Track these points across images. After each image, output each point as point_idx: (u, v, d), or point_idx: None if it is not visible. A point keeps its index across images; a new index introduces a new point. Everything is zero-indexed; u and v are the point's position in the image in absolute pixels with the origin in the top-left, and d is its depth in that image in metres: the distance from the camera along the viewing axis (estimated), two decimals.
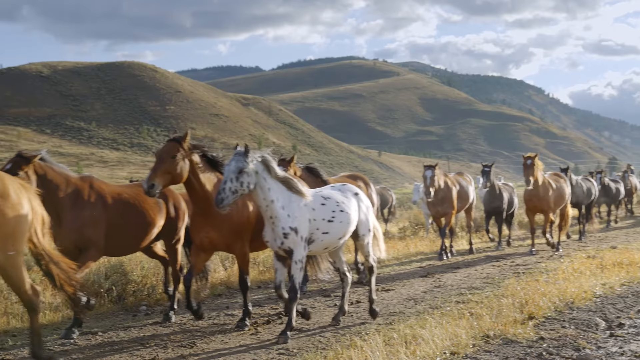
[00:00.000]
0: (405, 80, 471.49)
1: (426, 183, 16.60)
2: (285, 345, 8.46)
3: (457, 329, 8.49)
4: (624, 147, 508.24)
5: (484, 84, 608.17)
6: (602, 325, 9.58)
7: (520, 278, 12.84)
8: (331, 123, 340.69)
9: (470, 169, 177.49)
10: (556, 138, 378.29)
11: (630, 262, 14.47)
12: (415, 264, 16.37)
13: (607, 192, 26.30)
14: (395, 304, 11.21)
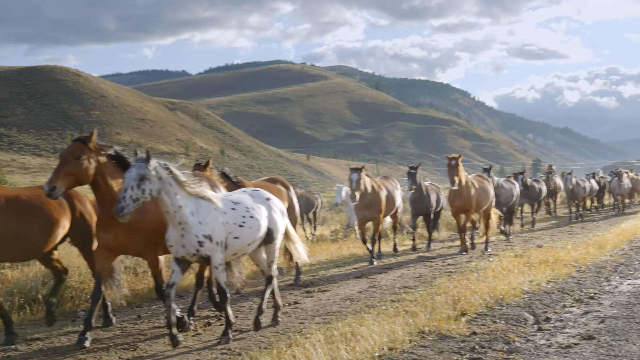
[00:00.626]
0: (334, 84, 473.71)
1: (352, 186, 16.40)
2: (227, 345, 8.61)
3: (394, 326, 8.78)
4: (548, 149, 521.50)
5: (412, 87, 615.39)
6: (530, 320, 10.03)
7: (452, 277, 13.24)
8: (259, 127, 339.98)
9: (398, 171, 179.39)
10: (482, 140, 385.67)
11: (555, 260, 15.06)
12: (349, 265, 16.63)
13: (530, 192, 27.03)
14: (332, 304, 11.45)
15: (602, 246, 18.20)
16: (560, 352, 8.22)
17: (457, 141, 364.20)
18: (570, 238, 21.33)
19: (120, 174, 8.68)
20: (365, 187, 16.50)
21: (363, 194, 16.44)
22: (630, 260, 16.61)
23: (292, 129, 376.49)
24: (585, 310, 10.77)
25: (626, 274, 14.60)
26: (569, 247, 17.78)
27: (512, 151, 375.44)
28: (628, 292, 12.32)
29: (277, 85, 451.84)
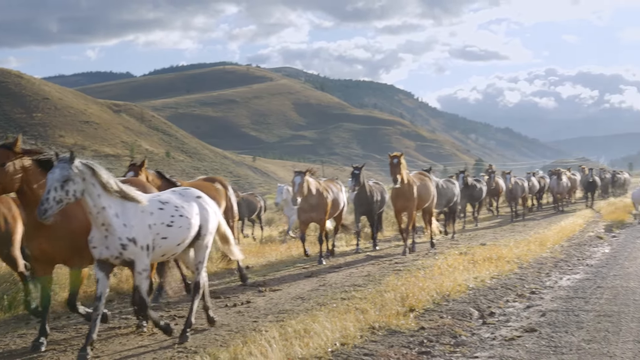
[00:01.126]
0: (279, 85, 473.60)
1: (294, 189, 16.31)
2: (183, 344, 8.78)
3: (346, 323, 9.06)
4: (490, 149, 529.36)
5: (356, 88, 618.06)
6: (475, 315, 10.44)
7: (400, 275, 13.57)
8: (205, 129, 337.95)
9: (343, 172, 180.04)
10: (426, 141, 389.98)
11: (498, 257, 15.57)
12: (299, 265, 16.82)
13: (470, 191, 27.61)
14: (283, 302, 11.69)
15: (543, 243, 18.84)
16: (504, 345, 8.62)
17: (402, 141, 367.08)
18: (512, 236, 21.94)
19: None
20: (310, 190, 16.46)
21: (307, 196, 16.40)
22: (569, 256, 17.28)
23: (237, 130, 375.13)
24: (527, 305, 11.24)
25: (565, 269, 15.21)
26: (511, 244, 18.33)
27: (455, 151, 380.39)
28: (567, 287, 12.87)
29: (223, 87, 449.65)
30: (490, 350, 8.40)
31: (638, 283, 12.92)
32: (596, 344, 8.43)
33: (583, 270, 14.97)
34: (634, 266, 15.24)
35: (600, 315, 10.14)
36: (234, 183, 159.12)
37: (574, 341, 8.62)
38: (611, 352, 8.04)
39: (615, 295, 11.71)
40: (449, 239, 22.58)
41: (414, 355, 8.14)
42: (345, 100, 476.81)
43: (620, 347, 8.26)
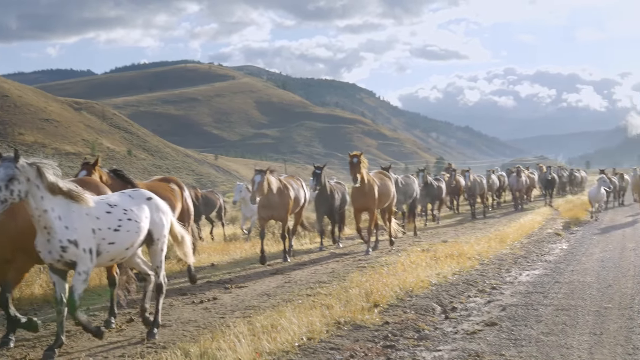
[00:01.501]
0: (241, 83, 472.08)
1: (254, 188, 16.29)
2: (152, 339, 8.88)
3: (312, 318, 9.25)
4: (450, 147, 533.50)
5: (318, 87, 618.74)
6: (438, 310, 10.69)
7: (364, 271, 13.79)
8: (167, 127, 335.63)
9: (306, 171, 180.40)
10: (387, 139, 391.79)
11: (460, 254, 15.90)
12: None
13: (430, 190, 27.93)
14: (250, 299, 11.84)
15: (503, 240, 19.23)
16: (466, 338, 8.87)
17: (363, 140, 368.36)
18: (473, 233, 22.33)
19: None
20: (270, 188, 16.48)
21: (268, 194, 16.46)
22: (528, 252, 17.67)
23: (199, 128, 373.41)
24: (488, 300, 11.54)
25: (525, 265, 15.57)
26: (472, 241, 18.68)
27: (416, 149, 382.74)
28: (526, 282, 13.20)
29: (185, 85, 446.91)
30: (453, 343, 8.64)
31: (594, 278, 13.30)
32: (554, 337, 8.72)
33: (542, 266, 15.33)
34: (590, 262, 15.66)
35: (558, 309, 10.46)
36: (196, 181, 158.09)
37: (533, 334, 8.91)
38: (568, 344, 8.33)
39: (573, 290, 12.06)
40: (411, 236, 22.85)
41: (379, 349, 8.34)
42: (307, 99, 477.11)
43: (577, 339, 8.56)
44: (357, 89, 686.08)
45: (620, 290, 11.80)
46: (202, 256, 18.40)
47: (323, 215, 20.74)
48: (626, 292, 11.66)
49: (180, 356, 7.42)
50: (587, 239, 20.96)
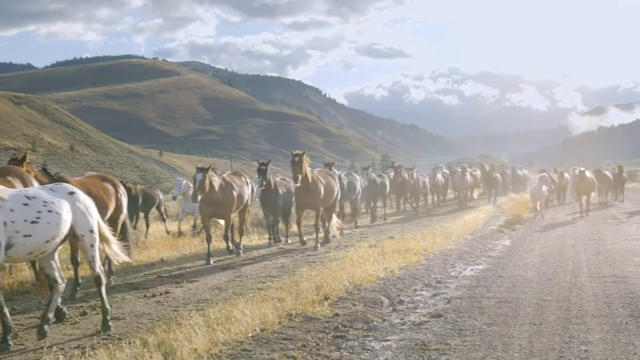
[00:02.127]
0: (186, 79, 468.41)
1: (195, 186, 16.12)
2: (107, 331, 9.02)
3: (264, 310, 9.50)
4: (396, 145, 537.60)
5: (264, 84, 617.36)
6: (386, 302, 11.04)
7: (313, 266, 14.08)
8: (110, 123, 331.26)
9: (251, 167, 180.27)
10: (333, 137, 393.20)
11: (406, 250, 16.31)
12: (214, 258, 16.97)
13: (374, 187, 28.25)
14: (202, 292, 12.02)
15: (448, 236, 19.73)
16: (413, 329, 9.23)
17: (310, 137, 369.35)
18: (419, 229, 22.80)
19: None
20: (212, 186, 16.34)
21: (210, 192, 16.31)
22: (472, 248, 18.19)
23: (144, 124, 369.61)
24: (434, 293, 11.94)
25: (469, 260, 16.06)
26: (418, 237, 19.09)
27: (362, 147, 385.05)
28: (470, 277, 13.66)
29: (129, 80, 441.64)
30: (401, 334, 8.98)
31: (535, 273, 13.81)
32: (496, 327, 9.12)
33: (485, 262, 15.83)
34: (531, 257, 16.21)
35: (500, 301, 10.90)
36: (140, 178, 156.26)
37: (476, 325, 9.30)
38: (510, 333, 8.74)
39: (514, 284, 12.53)
40: (358, 232, 23.20)
41: (330, 339, 8.64)
42: (253, 96, 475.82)
43: (517, 329, 8.97)
44: (304, 87, 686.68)
45: (559, 284, 12.30)
46: (151, 252, 18.54)
47: (269, 212, 20.72)
48: (564, 285, 12.16)
49: (139, 346, 7.59)
50: (529, 235, 21.60)
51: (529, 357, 7.64)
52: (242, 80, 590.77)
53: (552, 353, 7.75)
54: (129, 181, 26.03)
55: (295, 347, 8.17)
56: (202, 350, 7.75)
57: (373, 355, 7.99)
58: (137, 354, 7.10)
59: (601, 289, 11.67)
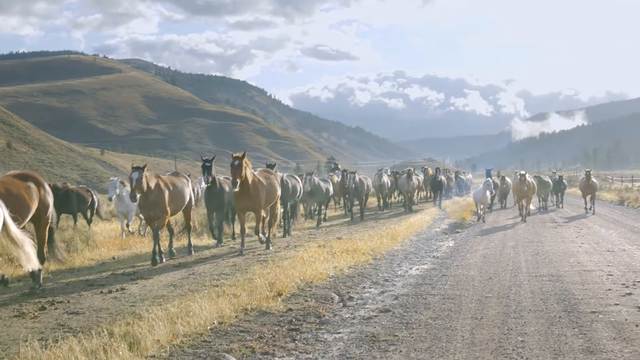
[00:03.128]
0: (128, 77, 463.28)
1: (131, 185, 15.65)
2: (69, 324, 9.32)
3: (221, 305, 9.91)
4: (341, 148, 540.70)
5: (208, 83, 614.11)
6: (336, 299, 11.54)
7: (265, 265, 14.48)
8: (49, 120, 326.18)
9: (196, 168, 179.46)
10: (279, 138, 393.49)
11: (354, 250, 16.86)
12: (166, 257, 17.31)
13: (317, 191, 28.01)
14: (157, 289, 12.34)
15: (394, 238, 20.36)
16: (363, 322, 9.75)
17: (255, 138, 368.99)
18: (366, 231, 23.39)
19: None
20: (149, 186, 15.97)
21: (146, 192, 15.97)
22: (417, 249, 18.86)
23: (84, 122, 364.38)
24: (382, 290, 12.49)
25: (415, 260, 16.70)
26: (365, 238, 19.67)
27: (307, 149, 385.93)
28: (416, 275, 14.27)
29: (68, 77, 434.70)
30: (351, 327, 9.50)
31: (477, 272, 14.49)
32: (441, 321, 9.71)
33: (430, 262, 16.49)
34: (474, 258, 16.93)
35: (444, 298, 11.51)
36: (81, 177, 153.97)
37: (422, 319, 9.87)
38: (453, 326, 9.33)
39: (458, 282, 13.18)
40: (306, 233, 23.68)
41: (285, 331, 9.10)
42: (197, 95, 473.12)
43: (460, 322, 9.57)
44: (248, 87, 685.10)
45: (500, 282, 12.99)
46: (101, 250, 18.72)
47: (214, 211, 20.59)
48: (505, 283, 12.85)
49: (107, 335, 7.92)
50: (472, 237, 22.38)
51: (471, 346, 8.22)
52: (185, 79, 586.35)
53: (492, 343, 8.35)
54: (61, 180, 25.83)
55: (253, 339, 8.61)
56: (165, 341, 8.15)
57: (326, 346, 8.47)
58: (105, 344, 7.44)
59: (538, 286, 12.38)
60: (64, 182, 26.05)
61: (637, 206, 35.98)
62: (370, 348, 8.28)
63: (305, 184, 26.47)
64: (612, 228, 24.32)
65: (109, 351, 7.24)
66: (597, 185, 36.80)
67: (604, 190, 51.17)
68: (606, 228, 24.38)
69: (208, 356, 7.75)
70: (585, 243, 19.62)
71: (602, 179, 70.38)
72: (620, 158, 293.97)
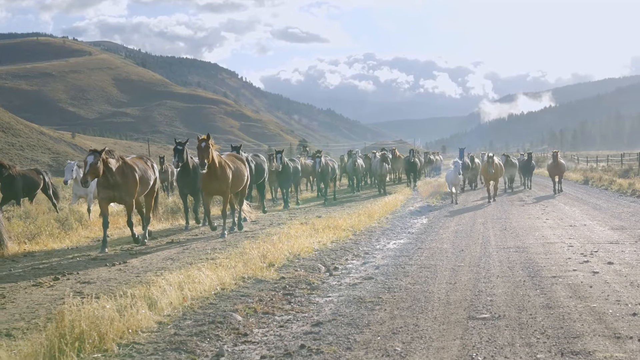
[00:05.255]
0: (98, 60, 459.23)
1: (85, 169, 14.68)
2: (84, 291, 10.33)
3: (221, 274, 10.98)
4: (313, 130, 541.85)
5: (179, 66, 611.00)
6: (323, 269, 12.68)
7: (253, 241, 15.52)
8: (18, 103, 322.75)
9: (167, 151, 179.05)
10: (250, 120, 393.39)
11: (335, 227, 18.04)
12: (160, 237, 18.30)
13: (286, 171, 27.86)
14: (157, 262, 13.40)
15: (371, 216, 21.56)
16: (349, 288, 10.90)
17: (226, 121, 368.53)
18: (343, 210, 24.60)
19: None
20: (110, 169, 15.12)
21: (108, 175, 15.16)
22: (393, 226, 20.09)
23: (54, 105, 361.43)
24: (364, 262, 13.66)
25: (391, 236, 17.91)
26: (344, 217, 20.82)
27: (279, 131, 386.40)
28: (394, 249, 15.47)
29: (37, 60, 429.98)
30: (339, 292, 10.64)
31: (450, 245, 15.71)
32: (419, 286, 10.87)
33: (406, 237, 17.71)
34: (446, 233, 18.16)
35: (421, 267, 12.69)
36: (53, 160, 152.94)
37: (402, 284, 11.04)
38: (430, 290, 10.50)
39: (432, 254, 14.38)
40: (287, 212, 24.76)
41: (281, 296, 10.21)
42: (168, 78, 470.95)
43: (437, 287, 10.74)
44: (219, 69, 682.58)
45: (471, 254, 14.21)
46: (95, 229, 19.57)
47: (187, 194, 20.68)
48: (475, 255, 14.06)
49: (129, 296, 8.96)
50: (444, 216, 23.62)
51: (447, 305, 9.39)
52: (155, 61, 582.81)
53: (465, 302, 9.53)
54: (5, 161, 24.13)
55: (253, 301, 9.70)
56: (176, 303, 9.22)
57: (319, 307, 9.60)
58: (129, 304, 8.48)
59: (505, 256, 13.62)
60: (10, 165, 24.52)
61: (601, 185, 37.38)
62: (359, 308, 9.42)
63: (277, 162, 26.80)
64: (575, 205, 25.69)
65: (134, 308, 8.29)
66: (565, 166, 37.34)
67: (570, 171, 52.60)
68: (570, 206, 25.73)
69: (217, 315, 8.82)
70: (550, 219, 20.93)
71: (568, 159, 71.91)
72: (586, 139, 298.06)
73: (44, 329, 7.61)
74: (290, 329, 8.39)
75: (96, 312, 7.70)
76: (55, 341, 6.93)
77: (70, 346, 6.93)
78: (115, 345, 7.37)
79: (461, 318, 8.63)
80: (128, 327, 7.82)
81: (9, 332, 8.09)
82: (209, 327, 8.27)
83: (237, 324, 8.52)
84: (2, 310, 9.36)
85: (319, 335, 8.02)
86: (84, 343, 7.11)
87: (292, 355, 7.28)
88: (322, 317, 8.97)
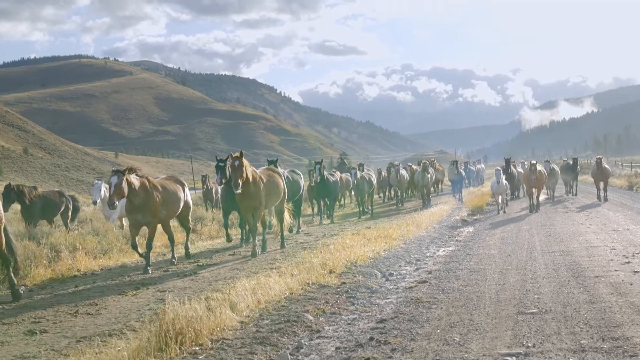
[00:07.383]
0: (139, 79, 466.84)
1: (110, 190, 14.44)
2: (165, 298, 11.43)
3: (287, 281, 12.01)
4: (352, 142, 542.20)
5: (218, 82, 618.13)
6: (379, 275, 13.66)
7: (310, 251, 16.52)
8: (63, 124, 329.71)
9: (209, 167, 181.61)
10: (290, 135, 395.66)
11: (386, 236, 19.02)
12: (224, 252, 19.42)
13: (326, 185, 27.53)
14: (224, 273, 14.47)
15: (419, 225, 22.47)
16: (406, 291, 11.87)
17: (266, 136, 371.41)
18: (391, 221, 25.50)
19: None
20: (134, 189, 14.87)
21: (131, 197, 14.95)
22: (441, 234, 21.00)
23: (97, 126, 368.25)
24: (416, 267, 14.65)
25: (440, 244, 18.87)
26: (393, 227, 21.75)
27: (319, 145, 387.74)
28: (444, 255, 16.41)
29: (80, 81, 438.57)
30: (397, 294, 11.61)
31: (497, 251, 16.59)
32: (470, 287, 11.81)
33: (454, 244, 18.65)
34: (493, 240, 19.03)
35: (471, 271, 13.62)
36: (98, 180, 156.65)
37: (455, 286, 11.97)
38: (481, 290, 11.42)
39: (481, 259, 15.29)
40: (334, 227, 25.76)
41: (344, 298, 11.21)
42: (208, 95, 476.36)
43: (487, 288, 11.66)
44: (258, 85, 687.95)
45: (517, 258, 15.09)
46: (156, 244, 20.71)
47: (230, 210, 20.35)
48: (521, 259, 14.93)
49: (216, 299, 10.03)
50: (489, 224, 24.44)
51: (497, 303, 10.31)
52: (195, 79, 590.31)
53: (514, 300, 10.44)
54: (26, 186, 23.97)
55: (321, 303, 10.71)
56: (253, 306, 10.27)
57: (380, 307, 10.58)
58: (213, 306, 9.55)
59: (551, 260, 14.49)
60: (34, 187, 24.33)
61: None
62: (417, 307, 10.38)
63: (316, 173, 27.07)
64: (619, 211, 26.28)
65: (218, 310, 9.36)
66: (610, 172, 35.93)
67: (614, 177, 52.35)
68: (614, 211, 26.33)
69: (290, 315, 9.85)
70: (594, 225, 21.65)
71: (612, 165, 71.53)
72: (631, 144, 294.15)
73: (144, 328, 8.73)
74: (358, 326, 9.39)
75: (189, 312, 8.77)
76: (162, 335, 8.03)
77: (173, 340, 8.03)
78: (208, 340, 8.45)
79: (511, 313, 9.55)
80: (216, 325, 8.89)
81: (110, 332, 9.23)
82: (285, 325, 9.29)
83: (310, 322, 9.53)
84: (99, 316, 10.53)
85: (384, 330, 9.00)
86: (185, 337, 8.20)
87: (364, 346, 8.27)
88: (385, 315, 9.95)
